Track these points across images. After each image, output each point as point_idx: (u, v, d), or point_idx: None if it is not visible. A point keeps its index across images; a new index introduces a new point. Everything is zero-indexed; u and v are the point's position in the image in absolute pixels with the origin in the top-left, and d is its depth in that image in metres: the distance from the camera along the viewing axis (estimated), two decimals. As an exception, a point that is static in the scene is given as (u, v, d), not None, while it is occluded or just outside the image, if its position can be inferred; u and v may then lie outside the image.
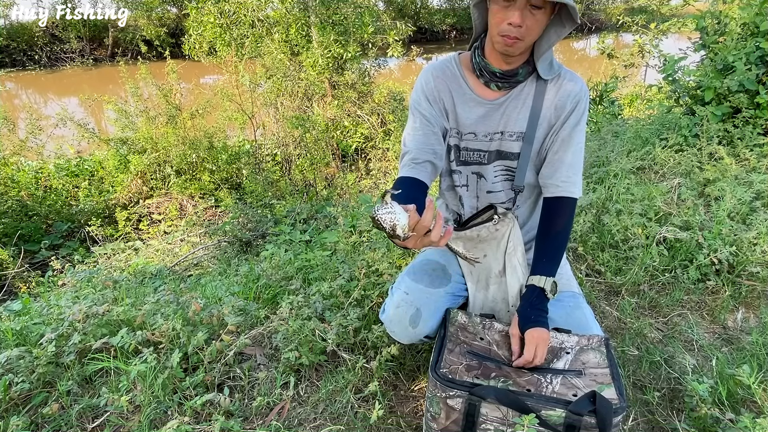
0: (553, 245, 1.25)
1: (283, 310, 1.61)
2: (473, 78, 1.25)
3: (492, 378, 1.10)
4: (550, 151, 1.26)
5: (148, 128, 5.60)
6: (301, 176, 5.81)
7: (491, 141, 1.27)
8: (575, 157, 1.24)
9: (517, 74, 1.20)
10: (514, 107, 1.24)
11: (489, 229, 1.32)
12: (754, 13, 3.27)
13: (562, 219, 1.25)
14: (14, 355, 1.43)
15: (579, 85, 1.23)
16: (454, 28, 20.90)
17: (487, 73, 1.21)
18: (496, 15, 1.08)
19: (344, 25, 6.50)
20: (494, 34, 1.10)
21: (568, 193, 1.24)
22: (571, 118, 1.22)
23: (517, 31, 1.06)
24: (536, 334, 1.13)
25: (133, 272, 3.23)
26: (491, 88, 1.23)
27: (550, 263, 1.23)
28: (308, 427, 1.36)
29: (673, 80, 3.77)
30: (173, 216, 4.98)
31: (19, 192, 4.60)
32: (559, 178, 1.24)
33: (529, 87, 1.23)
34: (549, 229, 1.26)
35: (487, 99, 1.24)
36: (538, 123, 1.23)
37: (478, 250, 1.35)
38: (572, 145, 1.23)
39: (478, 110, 1.25)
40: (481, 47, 1.22)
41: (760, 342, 1.65)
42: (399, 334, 1.28)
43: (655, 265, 2.09)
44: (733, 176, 2.73)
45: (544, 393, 1.06)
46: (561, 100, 1.22)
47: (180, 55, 7.29)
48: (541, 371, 1.12)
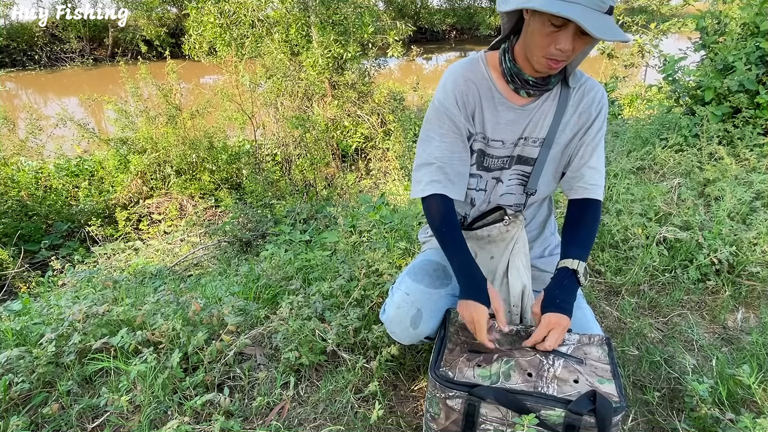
0: (583, 234, 1.22)
1: (283, 310, 1.61)
2: (502, 82, 1.20)
3: (495, 361, 1.09)
4: (576, 156, 1.26)
5: (148, 128, 5.60)
6: (301, 176, 5.80)
7: (515, 146, 1.26)
8: (599, 162, 1.26)
9: (550, 82, 1.17)
10: (541, 114, 1.22)
11: (500, 230, 1.32)
12: (754, 13, 3.27)
13: (592, 216, 1.25)
14: (14, 355, 1.43)
15: (601, 92, 1.23)
16: (454, 28, 20.91)
17: (520, 80, 1.16)
18: (543, 37, 1.03)
19: (344, 25, 6.50)
20: (537, 54, 1.06)
21: (595, 195, 1.25)
22: (596, 123, 1.23)
23: (565, 56, 1.03)
24: (554, 319, 1.09)
25: (133, 272, 3.23)
26: (520, 95, 1.20)
27: (581, 248, 1.19)
28: (308, 427, 1.36)
29: (673, 80, 3.78)
30: (173, 216, 4.98)
31: (19, 192, 4.60)
32: (587, 182, 1.25)
33: (554, 93, 1.22)
34: (579, 222, 1.24)
35: (516, 105, 1.21)
36: (559, 129, 1.23)
37: (486, 252, 1.35)
38: (596, 150, 1.25)
39: (506, 116, 1.22)
40: (510, 50, 1.16)
41: (760, 342, 1.65)
42: (399, 334, 1.28)
43: (655, 265, 2.09)
44: (733, 176, 2.73)
45: (546, 376, 1.05)
46: (585, 107, 1.22)
47: (180, 55, 7.28)
48: (543, 353, 1.11)
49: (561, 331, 1.09)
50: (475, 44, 19.98)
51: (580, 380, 1.04)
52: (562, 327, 1.09)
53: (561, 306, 1.11)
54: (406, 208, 3.05)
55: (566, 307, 1.11)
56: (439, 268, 1.36)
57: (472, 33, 21.16)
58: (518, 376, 1.06)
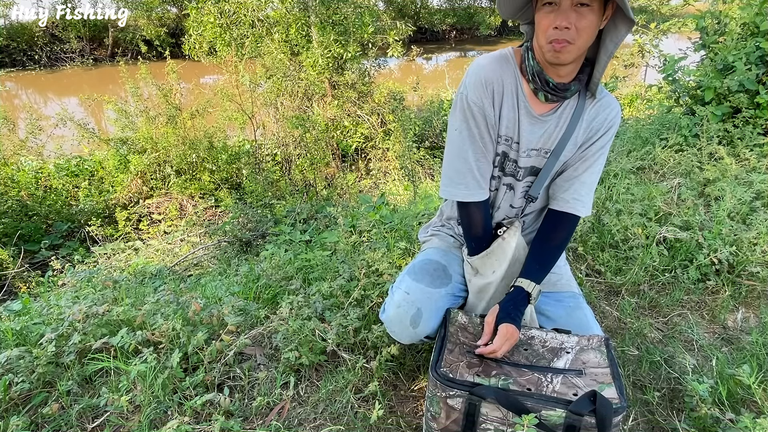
0: (548, 255, 1.27)
1: (283, 310, 1.61)
2: (525, 83, 1.18)
3: (493, 376, 1.10)
4: (570, 167, 1.25)
5: (148, 128, 5.60)
6: (301, 176, 5.80)
7: (529, 157, 1.24)
8: (591, 178, 1.25)
9: (569, 90, 1.14)
10: (555, 125, 1.21)
11: (498, 243, 1.32)
12: (754, 13, 3.27)
13: (563, 233, 1.27)
14: (14, 355, 1.43)
15: (615, 111, 1.22)
16: (454, 28, 20.90)
17: (540, 80, 1.13)
18: (542, 22, 1.03)
19: (344, 25, 6.50)
20: (543, 43, 1.05)
21: (574, 211, 1.25)
22: (600, 140, 1.22)
23: (566, 34, 1.00)
24: (510, 330, 1.15)
25: (133, 272, 3.23)
26: (539, 98, 1.17)
27: (541, 270, 1.25)
28: (308, 427, 1.36)
29: (673, 80, 3.77)
30: (173, 216, 4.98)
31: (19, 192, 4.60)
32: (571, 195, 1.24)
33: (570, 106, 1.20)
34: (548, 238, 1.28)
35: (536, 113, 1.19)
36: (568, 140, 1.22)
37: (488, 267, 1.34)
38: (592, 166, 1.24)
39: (526, 122, 1.20)
40: (532, 49, 1.14)
41: (760, 342, 1.65)
42: (399, 334, 1.28)
43: (655, 265, 2.09)
44: (733, 176, 2.73)
45: (545, 392, 1.06)
46: (596, 123, 1.21)
47: (180, 55, 7.28)
48: (541, 370, 1.12)
49: (513, 342, 1.16)
50: (475, 44, 19.98)
51: (579, 394, 1.04)
52: (514, 338, 1.16)
53: (515, 320, 1.18)
54: (406, 208, 3.05)
55: (518, 321, 1.18)
56: (440, 268, 1.36)
57: (472, 33, 21.16)
58: (517, 389, 1.07)
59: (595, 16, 1.01)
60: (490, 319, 1.19)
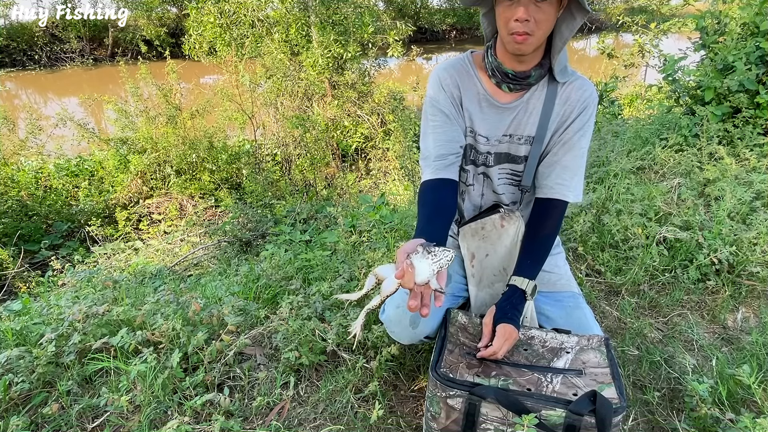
0: (539, 248, 1.26)
1: (283, 310, 1.62)
2: (486, 78, 1.24)
3: (493, 376, 1.10)
4: (549, 153, 1.26)
5: (148, 128, 5.60)
6: (301, 176, 5.81)
7: (500, 143, 1.27)
8: (575, 161, 1.24)
9: (530, 76, 1.18)
10: (525, 111, 1.23)
11: (494, 223, 1.32)
12: (754, 13, 3.27)
13: (551, 221, 1.26)
14: (14, 355, 1.43)
15: (589, 91, 1.22)
16: (454, 28, 20.90)
17: (500, 73, 1.19)
18: (503, 15, 1.07)
19: (344, 25, 6.50)
20: (504, 35, 1.09)
21: (560, 196, 1.24)
22: (576, 122, 1.22)
23: (526, 26, 1.04)
24: (509, 330, 1.15)
25: (133, 272, 3.23)
26: (503, 90, 1.22)
27: (534, 265, 1.25)
28: (308, 427, 1.36)
29: (673, 80, 3.77)
30: (173, 216, 4.99)
31: (19, 192, 4.60)
32: (554, 180, 1.24)
33: (540, 91, 1.22)
34: (537, 230, 1.27)
35: (500, 102, 1.23)
36: (548, 126, 1.23)
37: (481, 250, 1.35)
38: (572, 149, 1.23)
39: (490, 112, 1.25)
40: (493, 47, 1.20)
41: (760, 342, 1.65)
42: (399, 334, 1.28)
43: (655, 265, 2.09)
44: (733, 176, 2.73)
45: (545, 392, 1.06)
46: (570, 105, 1.22)
47: (180, 55, 7.29)
48: (541, 370, 1.12)
49: (511, 341, 1.15)
50: (475, 44, 19.98)
51: (579, 394, 1.04)
52: (513, 338, 1.15)
53: (513, 319, 1.17)
54: (406, 208, 3.05)
55: (516, 320, 1.17)
56: (440, 268, 1.35)
57: (472, 33, 21.16)
58: (517, 389, 1.07)
59: (552, 7, 1.06)
60: (488, 321, 1.19)
